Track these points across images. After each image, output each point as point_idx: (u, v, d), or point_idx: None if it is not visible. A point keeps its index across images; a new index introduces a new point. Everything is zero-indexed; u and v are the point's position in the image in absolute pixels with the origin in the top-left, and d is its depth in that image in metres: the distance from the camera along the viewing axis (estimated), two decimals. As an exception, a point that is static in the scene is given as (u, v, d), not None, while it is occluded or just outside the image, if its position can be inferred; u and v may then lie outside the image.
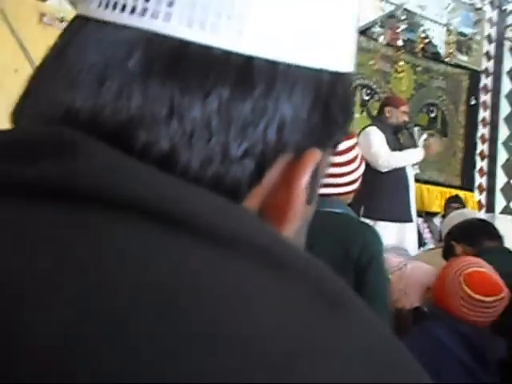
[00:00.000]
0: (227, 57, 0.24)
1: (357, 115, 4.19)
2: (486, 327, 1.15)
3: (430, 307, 1.28)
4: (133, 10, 0.25)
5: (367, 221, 3.00)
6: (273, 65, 0.25)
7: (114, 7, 0.25)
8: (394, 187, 3.07)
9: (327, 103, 0.27)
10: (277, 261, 0.21)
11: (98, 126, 0.24)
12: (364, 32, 4.09)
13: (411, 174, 3.31)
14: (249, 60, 0.24)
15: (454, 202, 3.94)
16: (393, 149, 3.16)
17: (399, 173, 3.12)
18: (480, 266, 1.21)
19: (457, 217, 1.79)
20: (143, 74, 0.24)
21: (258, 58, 0.25)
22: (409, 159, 3.16)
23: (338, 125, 0.29)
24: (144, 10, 0.24)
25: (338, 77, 0.28)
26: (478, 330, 1.13)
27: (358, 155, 1.41)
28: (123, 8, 0.25)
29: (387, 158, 3.02)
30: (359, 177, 1.41)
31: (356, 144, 1.42)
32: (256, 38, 0.25)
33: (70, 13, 2.90)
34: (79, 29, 0.26)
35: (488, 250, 1.50)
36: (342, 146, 1.36)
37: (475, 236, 1.59)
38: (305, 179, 0.27)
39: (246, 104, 0.24)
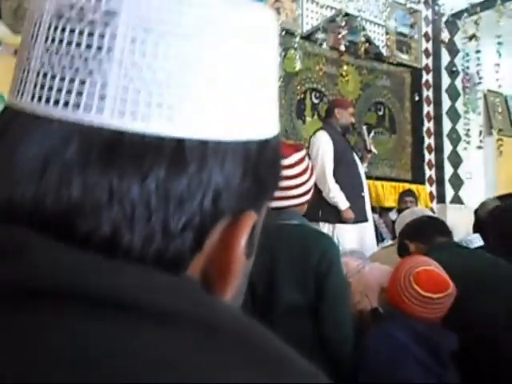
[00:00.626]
0: (160, 141, 0.26)
1: (308, 119, 4.29)
2: (437, 323, 1.22)
3: (386, 307, 1.34)
4: (66, 104, 0.26)
5: (326, 224, 3.07)
6: (203, 144, 0.27)
7: (47, 101, 0.26)
8: (349, 188, 3.14)
9: (257, 168, 0.30)
10: (210, 328, 0.23)
11: (39, 217, 0.25)
12: (308, 37, 4.19)
13: (363, 172, 3.39)
14: (180, 142, 0.27)
15: (407, 196, 4.09)
16: (343, 150, 3.24)
17: (352, 173, 3.19)
18: (428, 265, 1.28)
19: (408, 215, 1.86)
20: (81, 164, 0.25)
21: (189, 139, 0.27)
22: (335, 200, 3.06)
23: (268, 185, 0.32)
24: (77, 104, 0.26)
25: (265, 142, 0.31)
26: (430, 326, 1.19)
27: (308, 166, 1.45)
28: (56, 102, 0.26)
29: (328, 184, 3.04)
30: (311, 187, 1.45)
31: (306, 155, 1.46)
32: (185, 123, 0.27)
33: (8, 36, 2.82)
34: (12, 122, 0.27)
35: (438, 246, 1.58)
36: (293, 159, 1.39)
37: (426, 234, 1.66)
38: (243, 240, 0.29)
39: (182, 181, 0.26)
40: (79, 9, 0.26)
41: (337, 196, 3.07)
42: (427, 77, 5.05)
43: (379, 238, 3.76)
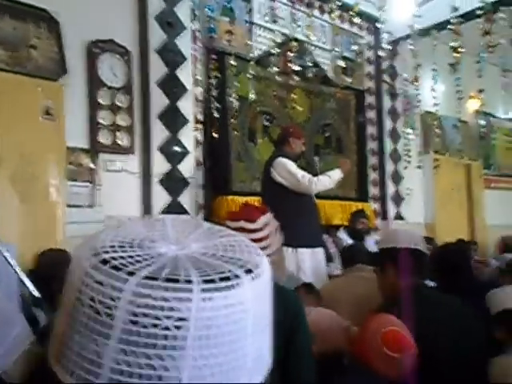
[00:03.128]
0: None
1: (260, 141, 4.39)
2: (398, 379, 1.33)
3: (350, 360, 1.43)
4: None
5: (289, 249, 3.14)
6: None
7: None
8: (307, 213, 3.24)
9: None
10: None
11: None
12: (259, 62, 4.29)
13: (314, 198, 3.51)
14: None
15: (361, 217, 4.27)
16: None
17: (307, 200, 3.30)
18: (394, 325, 1.38)
19: (401, 237, 1.85)
20: None
21: None
22: (333, 180, 3.33)
23: None
24: None
25: None
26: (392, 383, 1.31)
27: (273, 227, 1.52)
28: None
29: (313, 183, 3.20)
30: (277, 248, 1.52)
31: (271, 218, 1.53)
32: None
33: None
34: None
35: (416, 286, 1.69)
36: (261, 222, 1.46)
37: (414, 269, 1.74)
38: None
39: None
40: (154, 317, 0.31)
41: (320, 180, 3.23)
42: (370, 99, 5.32)
43: (329, 258, 3.91)
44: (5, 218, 2.74)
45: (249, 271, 0.34)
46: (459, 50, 3.81)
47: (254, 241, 1.47)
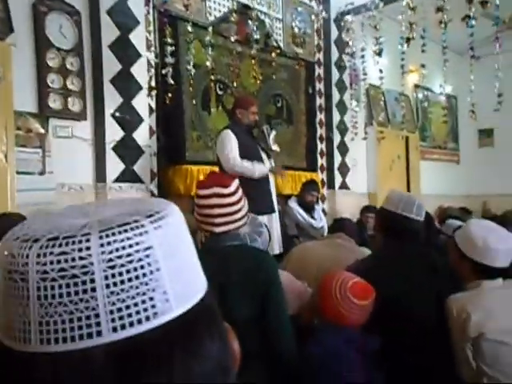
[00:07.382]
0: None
1: (213, 110, 4.37)
2: (362, 327, 1.47)
3: (319, 319, 1.54)
4: (72, 339, 0.35)
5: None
6: None
7: (56, 341, 0.34)
8: (257, 184, 3.32)
9: None
10: None
11: None
12: (213, 29, 4.23)
13: (268, 165, 3.59)
14: None
15: (312, 190, 4.45)
16: (250, 148, 3.41)
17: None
18: (354, 277, 1.52)
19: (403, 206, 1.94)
20: None
21: None
22: (258, 173, 3.36)
23: None
24: (81, 336, 0.35)
25: None
26: (359, 331, 1.44)
27: (242, 192, 1.58)
28: (64, 340, 0.34)
29: (233, 164, 3.25)
30: (247, 211, 1.59)
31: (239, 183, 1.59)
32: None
33: None
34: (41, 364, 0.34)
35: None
36: (233, 187, 1.51)
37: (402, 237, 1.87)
38: None
39: None
40: (59, 270, 0.34)
41: (244, 166, 3.26)
42: (319, 70, 5.42)
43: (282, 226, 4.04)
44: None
45: (149, 216, 0.38)
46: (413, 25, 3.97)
47: (230, 204, 1.54)
